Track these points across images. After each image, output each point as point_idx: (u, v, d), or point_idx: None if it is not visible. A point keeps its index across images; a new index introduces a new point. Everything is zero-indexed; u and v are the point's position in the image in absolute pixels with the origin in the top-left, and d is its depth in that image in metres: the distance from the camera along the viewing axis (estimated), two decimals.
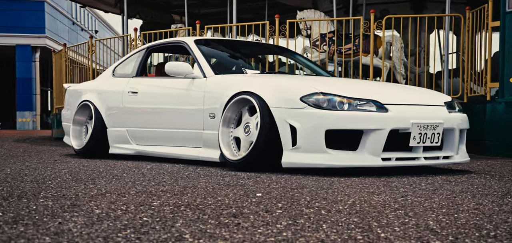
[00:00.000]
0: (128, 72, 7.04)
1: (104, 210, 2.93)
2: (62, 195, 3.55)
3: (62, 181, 4.41)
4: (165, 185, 4.08)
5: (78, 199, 3.38)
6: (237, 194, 3.60)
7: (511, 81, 7.88)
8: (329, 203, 3.20)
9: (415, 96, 5.29)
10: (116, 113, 6.84)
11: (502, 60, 7.99)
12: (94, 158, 6.96)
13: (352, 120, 4.78)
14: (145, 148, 6.52)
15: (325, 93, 4.89)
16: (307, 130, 4.84)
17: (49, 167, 5.65)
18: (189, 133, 5.92)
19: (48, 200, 3.36)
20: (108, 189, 3.84)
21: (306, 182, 4.27)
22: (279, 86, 5.18)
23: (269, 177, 4.66)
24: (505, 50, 7.94)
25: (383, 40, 9.36)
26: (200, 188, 3.90)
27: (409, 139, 4.93)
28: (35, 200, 3.37)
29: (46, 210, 2.97)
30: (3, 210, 2.98)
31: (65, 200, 3.32)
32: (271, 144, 5.03)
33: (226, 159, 5.35)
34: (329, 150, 4.79)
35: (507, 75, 7.93)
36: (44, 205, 3.13)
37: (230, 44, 7.11)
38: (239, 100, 5.34)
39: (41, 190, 3.80)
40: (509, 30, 7.91)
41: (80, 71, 13.32)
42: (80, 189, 3.88)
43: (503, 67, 7.98)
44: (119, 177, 4.69)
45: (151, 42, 7.01)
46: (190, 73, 5.92)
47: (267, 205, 3.11)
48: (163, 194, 3.58)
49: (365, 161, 4.79)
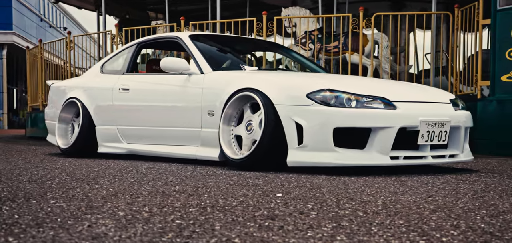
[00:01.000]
0: (118, 69, 6.82)
1: (128, 212, 2.75)
2: (71, 196, 3.36)
3: (62, 181, 4.20)
4: (173, 185, 3.91)
5: (90, 200, 3.19)
6: (256, 194, 3.44)
7: (502, 80, 7.84)
8: (359, 204, 3.06)
9: (422, 94, 5.19)
10: (106, 111, 6.62)
11: (493, 58, 7.96)
12: (82, 157, 6.74)
13: (361, 118, 4.65)
14: (137, 147, 6.31)
15: (332, 90, 4.76)
16: (314, 128, 4.70)
17: (39, 167, 5.42)
18: (185, 131, 5.74)
19: (59, 200, 3.16)
20: (116, 190, 3.66)
21: (319, 182, 4.12)
22: (284, 83, 5.03)
23: (277, 176, 4.51)
24: (496, 49, 7.90)
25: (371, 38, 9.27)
26: (213, 188, 3.73)
27: (417, 137, 4.81)
28: (44, 201, 3.17)
29: (64, 212, 2.78)
30: (17, 212, 2.78)
31: (78, 201, 3.13)
32: (276, 142, 4.88)
33: (227, 158, 5.18)
34: (337, 149, 4.66)
35: (498, 74, 7.89)
36: (59, 207, 2.94)
37: (224, 40, 6.94)
38: (240, 97, 5.17)
39: (45, 191, 3.60)
40: (500, 28, 7.88)
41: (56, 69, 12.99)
42: (86, 189, 3.68)
43: (494, 65, 7.95)
44: (120, 176, 4.50)
45: (141, 38, 6.79)
46: (186, 70, 5.74)
47: (296, 206, 2.96)
48: (178, 195, 3.41)
49: (373, 160, 4.67)
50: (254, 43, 7.25)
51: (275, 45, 7.34)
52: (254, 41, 7.33)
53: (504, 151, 7.51)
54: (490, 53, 8.06)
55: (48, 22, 47.27)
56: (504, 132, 7.64)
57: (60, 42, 12.79)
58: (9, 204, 3.07)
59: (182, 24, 9.68)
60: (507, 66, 7.83)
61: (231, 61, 6.21)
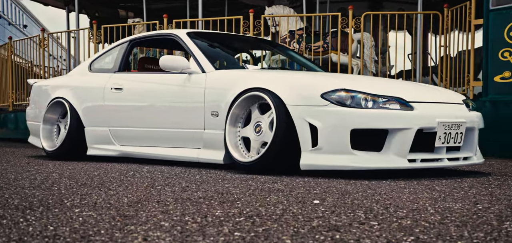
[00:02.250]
0: (109, 67, 6.52)
1: (172, 223, 2.51)
2: (93, 204, 3.09)
3: (68, 186, 3.92)
4: (193, 191, 3.66)
5: (118, 208, 2.94)
6: (290, 201, 3.22)
7: (495, 80, 7.76)
8: (411, 212, 2.87)
9: (436, 94, 5.03)
10: (96, 112, 6.32)
11: (485, 58, 7.87)
12: (70, 160, 6.42)
13: (379, 119, 4.46)
14: (131, 149, 6.01)
15: (348, 89, 4.56)
16: (330, 129, 4.49)
17: (32, 170, 5.11)
18: (186, 133, 5.48)
19: (84, 209, 2.90)
20: (136, 196, 3.40)
21: (342, 186, 3.92)
22: (296, 82, 4.82)
23: (293, 180, 4.29)
24: (488, 49, 7.82)
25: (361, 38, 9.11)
26: (238, 194, 3.50)
27: (435, 139, 4.65)
28: (67, 209, 2.90)
29: (100, 222, 2.53)
30: (47, 222, 2.52)
31: (105, 210, 2.87)
32: (288, 144, 4.67)
33: (234, 161, 4.94)
34: (354, 151, 4.46)
35: (491, 74, 7.81)
36: (90, 216, 2.68)
37: (222, 38, 6.69)
38: (248, 97, 4.94)
39: (59, 198, 3.32)
40: (493, 28, 7.80)
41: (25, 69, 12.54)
42: (103, 196, 3.42)
43: (486, 66, 7.86)
44: (128, 181, 4.23)
45: (134, 35, 6.50)
46: (186, 68, 5.48)
47: (348, 215, 2.75)
48: (208, 202, 3.17)
49: (391, 163, 4.48)
50: (252, 41, 7.02)
51: (272, 44, 7.12)
52: (251, 39, 7.10)
53: (498, 152, 7.43)
54: (483, 53, 7.98)
55: (7, 19, 46.18)
56: (498, 133, 7.56)
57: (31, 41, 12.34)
58: (31, 213, 2.80)
59: (165, 22, 9.39)
60: (500, 67, 7.75)
61: (231, 60, 5.98)
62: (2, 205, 3.08)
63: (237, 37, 6.99)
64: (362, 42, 9.11)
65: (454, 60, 9.11)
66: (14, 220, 2.61)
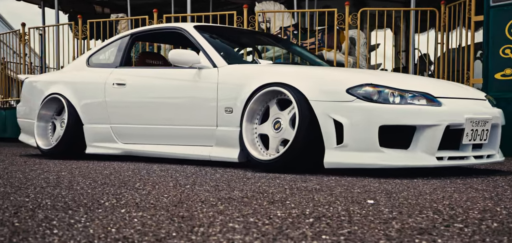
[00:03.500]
0: (110, 62, 6.26)
1: (240, 224, 2.31)
2: (135, 204, 2.87)
3: (89, 186, 3.69)
4: (227, 190, 3.46)
5: (167, 209, 2.72)
6: (340, 201, 3.04)
7: (495, 78, 7.68)
8: (481, 212, 2.71)
9: (460, 90, 4.89)
10: (97, 108, 6.05)
11: (486, 55, 7.79)
12: (67, 158, 6.14)
13: (408, 115, 4.30)
14: (135, 147, 5.76)
15: (375, 84, 4.39)
16: (356, 126, 4.32)
17: (37, 170, 4.85)
18: (197, 130, 5.25)
19: (131, 210, 2.68)
20: (174, 196, 3.19)
21: (378, 185, 3.76)
22: (318, 77, 4.64)
23: (321, 179, 4.11)
24: (489, 46, 7.74)
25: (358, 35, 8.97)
26: (279, 193, 3.30)
27: (460, 136, 4.50)
28: (112, 210, 2.69)
29: (163, 224, 2.32)
30: (102, 223, 2.29)
31: (154, 211, 2.65)
32: (310, 142, 4.48)
33: (252, 159, 4.73)
34: (383, 149, 4.29)
35: (491, 71, 7.73)
36: (146, 218, 2.46)
37: (229, 32, 6.47)
38: (266, 93, 4.75)
39: (94, 197, 3.09)
40: (493, 25, 7.71)
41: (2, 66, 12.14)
42: (138, 196, 3.20)
43: (487, 63, 7.78)
44: (152, 180, 4.00)
45: (136, 28, 6.24)
46: (197, 63, 5.25)
47: (417, 215, 2.58)
48: (255, 201, 2.98)
49: (420, 161, 4.32)
50: (258, 36, 6.81)
51: (278, 39, 6.92)
52: (257, 34, 6.89)
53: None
54: (484, 51, 7.89)
55: None
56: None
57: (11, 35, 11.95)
58: (76, 214, 2.57)
59: (155, 17, 9.12)
60: (501, 64, 7.66)
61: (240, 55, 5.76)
62: (36, 205, 2.84)
63: (243, 31, 6.79)
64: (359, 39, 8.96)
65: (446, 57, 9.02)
66: (65, 221, 2.38)
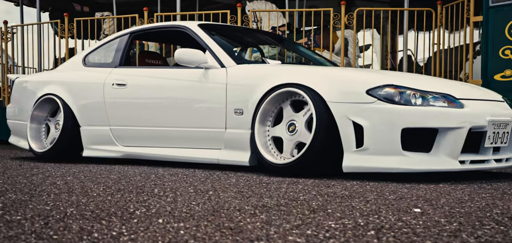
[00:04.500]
0: (108, 61, 6.02)
1: (298, 236, 2.13)
2: (167, 212, 2.68)
3: (107, 193, 3.47)
4: (259, 197, 3.28)
5: (206, 219, 2.53)
6: (386, 210, 2.88)
7: (495, 79, 7.60)
8: None
9: (478, 91, 4.75)
10: (95, 110, 5.81)
11: (485, 57, 7.71)
12: (64, 161, 5.90)
13: (431, 117, 4.16)
14: (137, 150, 5.53)
15: (396, 85, 4.24)
16: (378, 129, 4.16)
17: (39, 175, 4.62)
18: (204, 132, 5.05)
19: (169, 219, 2.48)
20: (206, 204, 3.00)
21: (408, 191, 3.61)
22: (336, 77, 4.47)
23: (343, 183, 3.95)
24: (488, 47, 7.66)
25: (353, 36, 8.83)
26: (314, 201, 3.13)
27: (483, 139, 4.38)
28: (148, 219, 2.49)
29: (214, 236, 2.13)
30: (147, 235, 2.09)
31: (194, 221, 2.46)
32: (328, 145, 4.31)
33: (266, 162, 4.55)
34: (405, 152, 4.14)
35: (491, 73, 7.65)
36: (192, 229, 2.27)
37: (233, 31, 6.27)
38: (280, 94, 4.57)
39: (120, 205, 2.88)
40: (493, 25, 7.63)
41: None
42: (166, 205, 3.01)
43: (486, 64, 7.70)
44: (168, 187, 3.80)
45: (135, 27, 6.01)
46: (204, 62, 5.05)
47: (478, 225, 2.42)
48: (295, 210, 2.81)
49: (443, 165, 4.18)
50: (261, 35, 6.61)
51: (282, 38, 6.74)
52: (260, 33, 6.71)
53: None
54: (482, 51, 7.81)
55: None
56: None
57: None
58: (112, 223, 2.36)
59: (145, 16, 8.88)
60: (501, 65, 7.59)
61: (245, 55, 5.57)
62: (62, 214, 2.62)
63: (247, 30, 6.60)
64: (354, 39, 8.82)
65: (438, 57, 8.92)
66: (106, 233, 2.18)
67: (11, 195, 3.34)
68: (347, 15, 8.32)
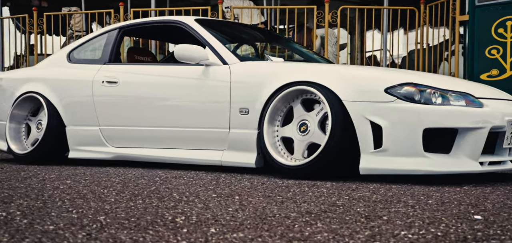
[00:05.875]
0: (96, 58, 5.71)
1: None
2: (215, 222, 2.45)
3: (123, 198, 3.21)
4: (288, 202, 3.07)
5: (261, 229, 2.31)
6: (450, 219, 2.70)
7: (481, 79, 7.54)
8: None
9: (493, 91, 4.63)
10: (83, 109, 5.49)
11: (470, 56, 7.64)
12: (46, 163, 5.55)
13: (452, 117, 4.01)
14: (130, 151, 5.23)
15: (416, 84, 4.08)
16: (398, 129, 3.98)
17: (33, 178, 4.31)
18: (205, 132, 4.80)
19: (224, 229, 2.27)
20: (246, 212, 2.77)
21: (441, 195, 3.44)
22: (351, 75, 4.28)
23: (365, 186, 3.78)
24: (474, 46, 7.59)
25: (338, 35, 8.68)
26: (361, 208, 2.94)
27: (500, 139, 4.24)
28: (193, 227, 2.26)
29: None
30: None
31: (250, 231, 2.24)
32: (344, 146, 4.12)
33: (277, 164, 4.33)
34: (427, 154, 3.97)
35: (477, 72, 7.58)
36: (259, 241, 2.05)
37: (230, 27, 6.02)
38: (290, 92, 4.35)
39: (150, 213, 2.64)
40: (479, 25, 7.57)
41: None
42: (207, 214, 2.77)
43: (471, 63, 7.63)
44: (181, 190, 3.55)
45: (124, 22, 5.69)
46: (204, 59, 4.80)
47: None
48: (348, 217, 2.61)
49: (464, 166, 4.02)
50: (256, 32, 6.38)
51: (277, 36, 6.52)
52: (255, 29, 6.48)
53: None
54: (468, 51, 7.75)
55: None
56: None
57: None
58: (161, 235, 2.12)
59: (121, 11, 8.56)
60: (487, 65, 7.53)
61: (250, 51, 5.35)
62: (96, 222, 2.36)
63: (244, 26, 6.36)
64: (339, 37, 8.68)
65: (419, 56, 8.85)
66: None
67: (20, 201, 3.05)
68: (331, 13, 8.16)
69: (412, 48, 10.37)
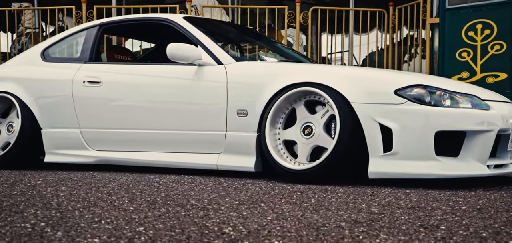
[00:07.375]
0: (75, 56, 5.41)
1: None
2: (266, 232, 2.27)
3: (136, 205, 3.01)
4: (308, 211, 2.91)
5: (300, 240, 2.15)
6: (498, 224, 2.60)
7: None
8: None
9: (490, 93, 4.58)
10: (61, 110, 5.19)
11: (441, 59, 7.68)
12: (18, 168, 5.22)
13: (462, 119, 3.94)
14: (115, 155, 4.95)
15: (425, 85, 3.99)
16: (409, 131, 3.89)
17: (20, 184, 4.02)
18: (199, 135, 4.59)
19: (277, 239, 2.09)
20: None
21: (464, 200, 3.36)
22: (358, 76, 4.16)
23: (380, 191, 3.67)
24: (445, 49, 7.63)
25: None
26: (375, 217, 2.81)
27: (504, 142, 4.21)
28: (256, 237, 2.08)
29: None
30: None
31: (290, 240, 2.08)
32: (352, 149, 3.99)
33: (280, 168, 4.16)
34: (439, 157, 3.88)
35: (447, 74, 7.62)
36: None
37: (218, 25, 5.80)
38: (293, 94, 4.20)
39: (181, 218, 2.45)
40: (449, 28, 7.61)
41: None
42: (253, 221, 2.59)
43: (442, 66, 7.67)
44: (198, 197, 3.35)
45: (106, 18, 5.40)
46: (198, 59, 4.60)
47: None
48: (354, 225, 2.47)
49: (473, 170, 3.95)
50: (242, 31, 6.19)
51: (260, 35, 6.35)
52: (243, 29, 6.29)
53: None
54: (439, 53, 7.78)
55: None
56: None
57: None
58: None
59: (83, 8, 8.21)
60: (458, 67, 7.60)
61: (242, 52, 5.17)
62: (136, 234, 2.15)
63: (231, 26, 6.17)
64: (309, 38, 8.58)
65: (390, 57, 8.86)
66: None
67: (31, 210, 2.79)
68: (302, 14, 8.05)
69: (373, 49, 10.39)
